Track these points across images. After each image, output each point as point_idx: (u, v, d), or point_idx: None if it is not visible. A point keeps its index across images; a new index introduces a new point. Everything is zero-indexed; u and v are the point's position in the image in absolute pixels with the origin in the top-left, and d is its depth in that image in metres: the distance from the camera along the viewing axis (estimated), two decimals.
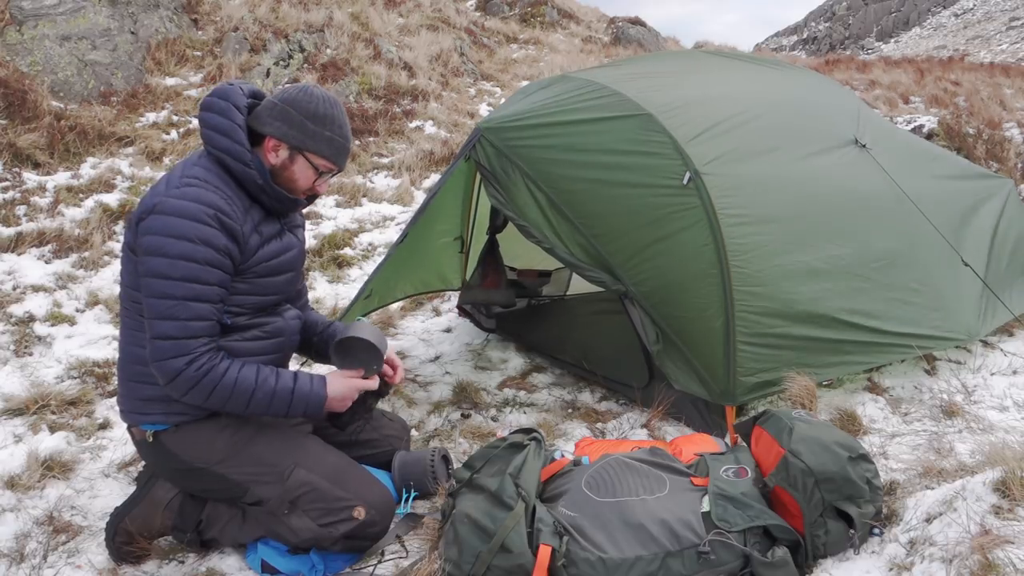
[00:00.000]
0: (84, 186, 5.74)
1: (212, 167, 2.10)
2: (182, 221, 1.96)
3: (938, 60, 18.09)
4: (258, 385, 2.05)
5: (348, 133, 2.21)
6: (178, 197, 1.99)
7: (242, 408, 2.06)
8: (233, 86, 2.17)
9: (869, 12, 57.71)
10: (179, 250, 1.95)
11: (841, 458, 1.95)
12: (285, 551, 2.18)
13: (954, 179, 3.86)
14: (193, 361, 1.97)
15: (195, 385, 1.98)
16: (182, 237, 1.96)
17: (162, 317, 1.96)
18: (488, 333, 4.13)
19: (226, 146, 2.09)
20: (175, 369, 1.96)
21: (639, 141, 3.00)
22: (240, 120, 2.12)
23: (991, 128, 8.16)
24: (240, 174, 2.10)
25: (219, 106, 2.12)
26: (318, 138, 2.13)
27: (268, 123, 2.13)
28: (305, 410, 2.13)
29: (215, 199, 2.02)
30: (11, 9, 7.13)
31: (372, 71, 9.27)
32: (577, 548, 1.88)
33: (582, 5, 19.03)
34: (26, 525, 2.41)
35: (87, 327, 4.08)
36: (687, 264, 2.82)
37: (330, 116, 2.15)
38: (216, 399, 2.02)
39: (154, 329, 1.98)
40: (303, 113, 2.12)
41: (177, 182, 2.04)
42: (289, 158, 2.15)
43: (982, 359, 3.27)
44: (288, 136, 2.12)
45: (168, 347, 1.96)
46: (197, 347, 1.99)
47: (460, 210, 4.16)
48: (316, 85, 2.19)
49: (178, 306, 1.96)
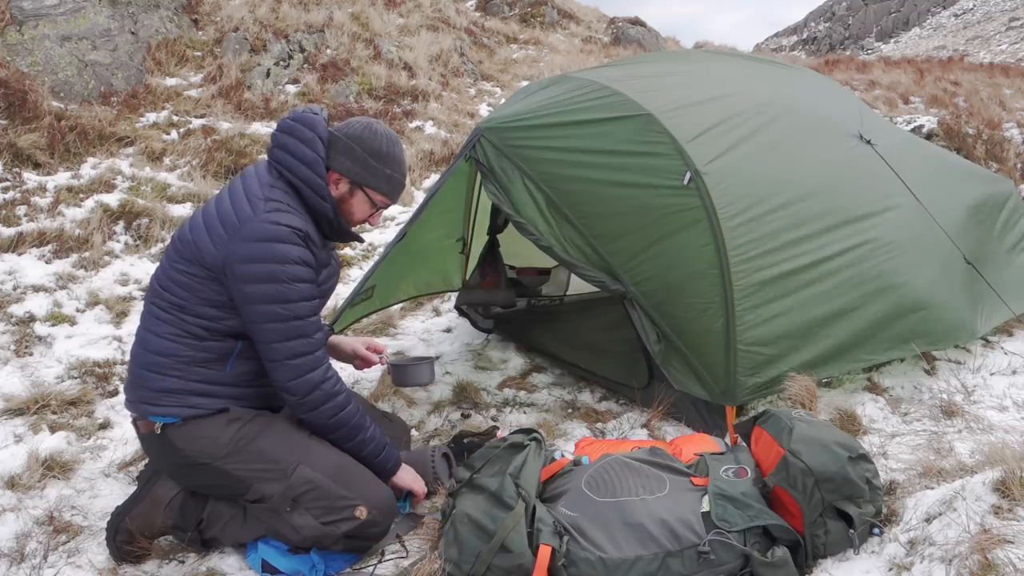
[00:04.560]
0: (84, 186, 5.74)
1: (288, 191, 2.17)
2: (285, 247, 2.06)
3: (938, 60, 18.11)
4: (369, 430, 2.24)
5: (406, 170, 2.32)
6: (273, 223, 2.07)
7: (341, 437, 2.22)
8: (318, 116, 2.24)
9: (869, 12, 57.72)
10: (290, 274, 2.06)
11: (841, 458, 1.95)
12: (286, 550, 2.18)
13: (955, 179, 3.87)
14: (327, 371, 2.15)
15: (328, 400, 2.14)
16: (289, 261, 2.06)
17: (290, 338, 2.08)
18: (487, 333, 4.13)
19: (307, 177, 2.16)
20: (313, 382, 2.11)
21: (639, 141, 3.00)
22: (323, 152, 2.19)
23: (991, 128, 8.17)
24: (315, 205, 2.19)
25: (305, 136, 2.18)
26: (379, 175, 2.23)
27: (333, 157, 2.21)
28: (385, 468, 2.30)
29: (302, 223, 2.13)
30: (11, 9, 7.13)
31: (372, 71, 9.28)
32: (577, 548, 1.88)
33: (582, 5, 19.04)
34: (26, 525, 2.41)
35: (87, 327, 4.08)
36: (687, 264, 2.82)
37: (392, 155, 2.24)
38: (334, 421, 2.19)
39: (283, 352, 2.08)
40: (367, 150, 2.20)
41: (265, 206, 2.10)
42: (349, 192, 2.24)
43: (982, 359, 3.27)
44: (351, 172, 2.21)
45: (305, 363, 2.10)
46: (323, 356, 2.15)
47: (461, 210, 4.16)
48: (379, 122, 2.31)
49: (305, 324, 2.10)
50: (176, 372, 2.14)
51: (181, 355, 2.13)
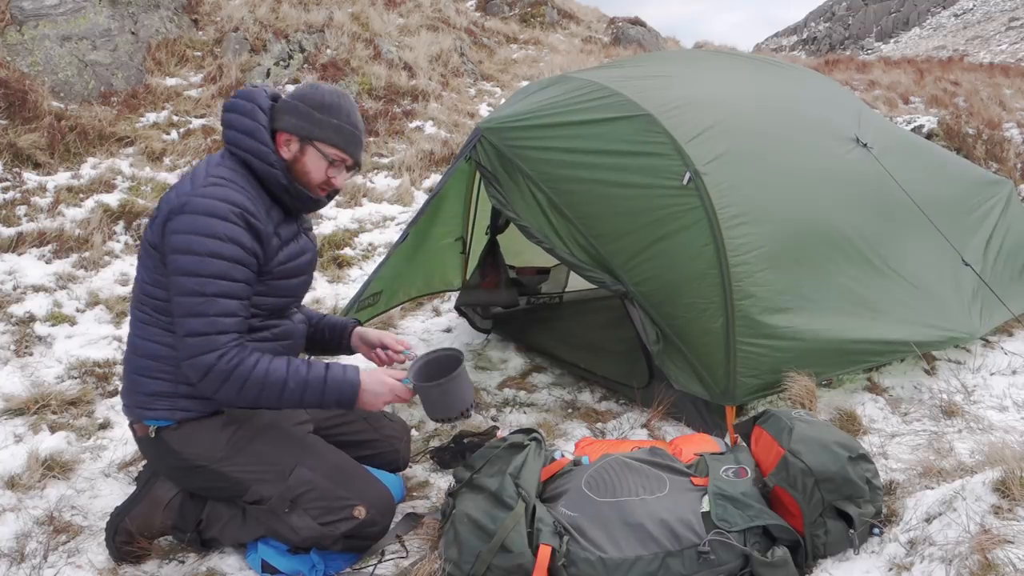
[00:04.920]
0: (84, 186, 5.74)
1: (236, 167, 2.14)
2: (210, 219, 1.99)
3: (938, 60, 18.11)
4: (290, 375, 2.03)
5: (357, 122, 2.22)
6: (205, 196, 2.01)
7: (275, 400, 2.05)
8: (257, 88, 2.22)
9: (869, 12, 57.73)
10: (208, 248, 1.98)
11: (841, 458, 1.95)
12: (285, 551, 2.18)
13: (955, 179, 3.87)
14: (223, 356, 1.98)
15: (227, 379, 1.98)
16: (211, 235, 1.98)
17: (191, 315, 1.98)
18: (487, 334, 4.13)
19: (251, 146, 2.13)
20: (206, 364, 1.97)
21: (639, 141, 3.00)
22: (264, 121, 2.16)
23: (991, 128, 8.18)
24: (264, 174, 2.14)
25: (244, 107, 2.16)
26: (325, 126, 2.16)
27: (279, 119, 2.17)
28: (339, 399, 2.09)
29: (241, 198, 2.05)
30: (11, 9, 7.13)
31: (372, 71, 9.28)
32: (577, 548, 1.88)
33: (582, 5, 19.02)
34: (26, 525, 2.41)
35: (87, 327, 4.08)
36: (687, 264, 2.82)
37: (336, 105, 2.18)
38: (249, 392, 2.01)
39: (184, 327, 1.99)
40: (310, 104, 2.16)
41: (203, 181, 2.06)
42: (300, 150, 2.18)
43: (982, 359, 3.28)
44: (297, 127, 2.16)
45: (198, 343, 1.97)
46: (226, 342, 1.99)
47: (461, 211, 4.16)
48: (326, 83, 2.22)
49: (207, 302, 1.98)
50: (164, 375, 2.12)
51: (167, 357, 2.11)
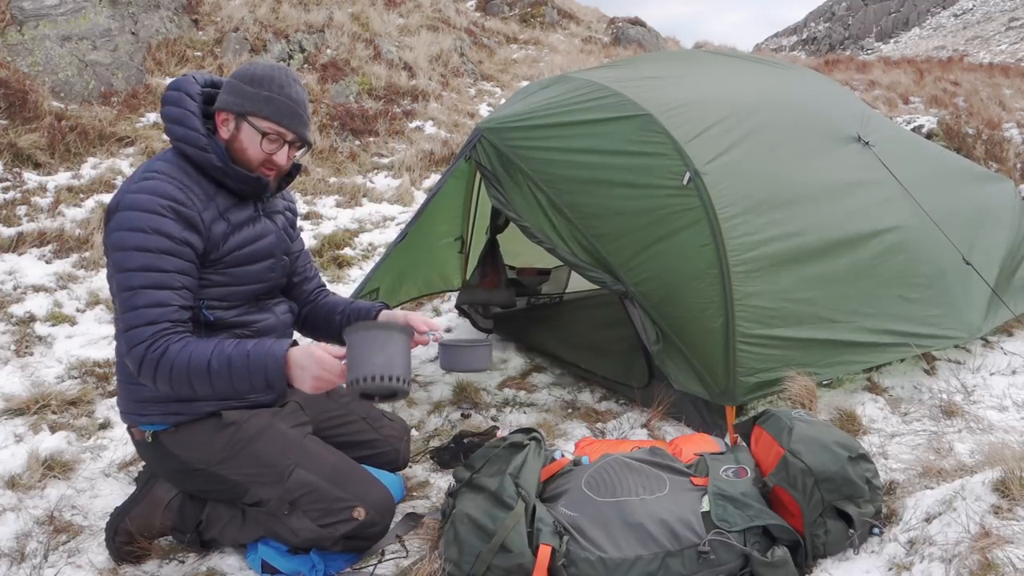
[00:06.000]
0: (85, 186, 5.74)
1: (174, 159, 2.12)
2: (137, 214, 1.97)
3: (937, 60, 18.11)
4: (213, 354, 1.92)
5: (292, 94, 2.14)
6: (135, 192, 2.01)
7: (207, 384, 1.94)
8: (187, 76, 2.19)
9: (869, 12, 57.72)
10: (134, 242, 1.96)
11: (841, 458, 1.95)
12: (285, 551, 2.18)
13: (955, 179, 3.87)
14: (150, 346, 1.93)
15: (156, 368, 1.93)
16: (136, 229, 1.97)
17: (125, 310, 1.97)
18: (487, 333, 4.13)
19: (181, 134, 2.10)
20: (137, 357, 1.93)
21: (639, 141, 3.00)
22: (192, 106, 2.13)
23: (991, 128, 8.18)
24: (199, 160, 2.10)
25: (172, 97, 2.14)
26: (256, 98, 2.11)
27: (218, 99, 2.15)
28: (266, 376, 1.93)
29: (170, 189, 2.02)
30: (12, 9, 7.13)
31: (372, 71, 9.28)
32: (577, 548, 1.88)
33: (582, 5, 19.04)
34: (27, 525, 2.41)
35: (87, 327, 4.08)
36: (687, 264, 2.82)
37: (268, 76, 2.12)
38: (179, 379, 1.93)
39: (121, 323, 1.99)
40: (242, 79, 2.13)
41: (137, 177, 2.06)
42: (236, 127, 2.13)
43: (982, 359, 3.28)
44: (231, 104, 2.12)
45: (130, 336, 1.95)
46: (154, 332, 1.94)
47: (460, 210, 4.16)
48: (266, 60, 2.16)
49: (135, 295, 1.95)
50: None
51: None
